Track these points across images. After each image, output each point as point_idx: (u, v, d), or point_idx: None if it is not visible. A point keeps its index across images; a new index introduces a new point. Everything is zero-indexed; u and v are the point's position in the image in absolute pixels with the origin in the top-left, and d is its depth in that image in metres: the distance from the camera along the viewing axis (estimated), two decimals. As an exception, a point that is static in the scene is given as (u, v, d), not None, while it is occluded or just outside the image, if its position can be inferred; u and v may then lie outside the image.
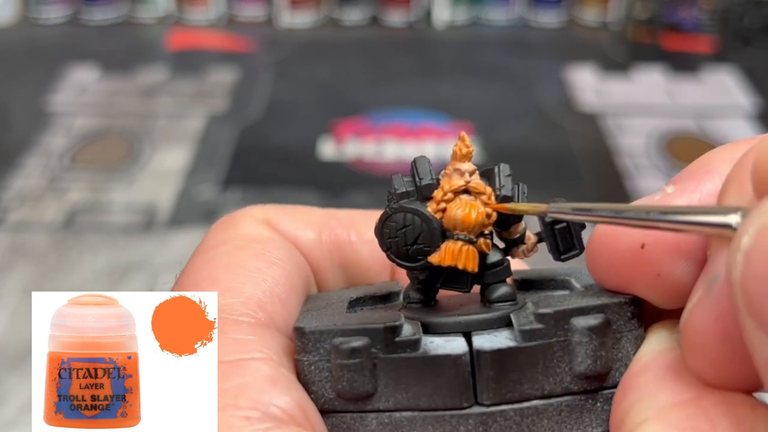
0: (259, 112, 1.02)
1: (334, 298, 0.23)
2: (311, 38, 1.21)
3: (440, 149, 0.94)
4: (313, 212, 0.25)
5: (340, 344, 0.19)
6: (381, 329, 0.20)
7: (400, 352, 0.20)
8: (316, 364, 0.20)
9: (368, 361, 0.20)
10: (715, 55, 1.17)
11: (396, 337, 0.20)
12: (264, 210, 0.24)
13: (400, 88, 1.08)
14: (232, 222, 0.24)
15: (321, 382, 0.20)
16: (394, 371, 0.20)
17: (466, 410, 0.20)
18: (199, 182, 0.88)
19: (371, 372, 0.20)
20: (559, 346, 0.20)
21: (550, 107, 1.04)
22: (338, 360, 0.19)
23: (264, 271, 0.22)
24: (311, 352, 0.20)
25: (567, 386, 0.21)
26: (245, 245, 0.23)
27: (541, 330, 0.20)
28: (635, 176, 0.90)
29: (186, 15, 1.24)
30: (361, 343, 0.19)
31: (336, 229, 0.25)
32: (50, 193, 0.87)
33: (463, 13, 1.25)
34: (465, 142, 0.22)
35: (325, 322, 0.20)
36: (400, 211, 0.21)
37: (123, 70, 1.11)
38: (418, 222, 0.21)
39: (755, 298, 0.15)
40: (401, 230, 0.21)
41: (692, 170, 0.21)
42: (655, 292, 0.20)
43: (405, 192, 0.21)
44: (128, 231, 0.81)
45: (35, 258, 0.77)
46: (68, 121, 1.00)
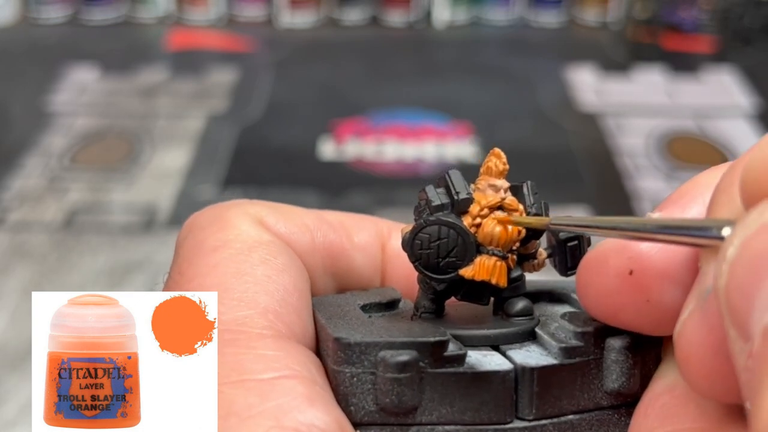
0: (259, 112, 1.02)
1: (343, 305, 0.23)
2: (311, 38, 1.21)
3: (440, 149, 0.94)
4: (304, 214, 0.25)
5: (390, 357, 0.19)
6: (430, 343, 0.20)
7: (447, 367, 0.20)
8: (358, 377, 0.20)
9: (417, 375, 0.20)
10: (715, 55, 1.17)
11: (444, 351, 0.20)
12: (254, 207, 0.24)
13: (400, 87, 1.08)
14: (226, 220, 0.23)
15: (363, 394, 0.20)
16: (440, 386, 0.20)
17: (508, 425, 0.21)
18: (199, 182, 0.88)
19: (418, 386, 0.20)
20: (595, 364, 0.21)
21: (550, 107, 1.04)
22: (387, 373, 0.19)
23: (274, 280, 0.22)
24: (355, 364, 0.20)
25: (598, 401, 0.21)
26: (249, 250, 0.22)
27: (581, 348, 0.21)
28: (635, 176, 0.90)
29: (186, 15, 1.24)
30: (410, 357, 0.19)
31: (329, 235, 0.25)
32: (50, 193, 0.87)
33: (463, 13, 1.25)
34: (501, 159, 0.22)
35: (367, 334, 0.20)
36: (436, 223, 0.21)
37: (123, 70, 1.11)
38: (453, 236, 0.21)
39: (737, 307, 0.15)
40: (435, 242, 0.21)
41: (677, 196, 0.21)
42: (645, 318, 0.20)
43: (441, 204, 0.21)
44: (128, 231, 0.81)
45: (35, 258, 0.77)
46: (68, 121, 1.00)
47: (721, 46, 1.19)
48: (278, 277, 0.22)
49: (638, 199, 0.86)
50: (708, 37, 1.20)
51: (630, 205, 0.85)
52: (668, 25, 1.21)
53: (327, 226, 0.25)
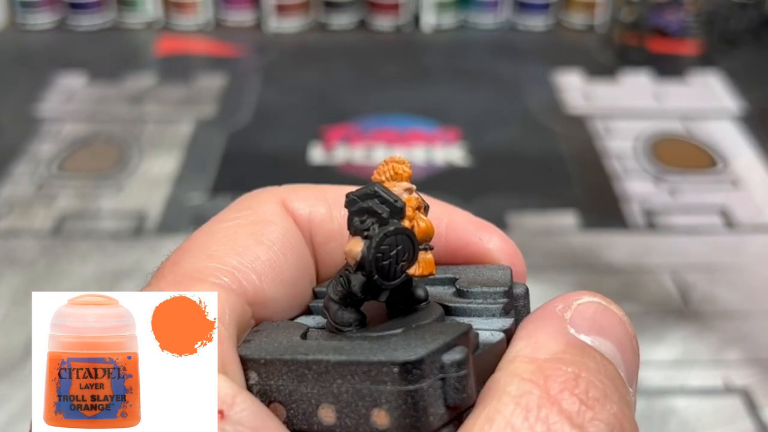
0: (247, 117, 1.02)
1: (305, 345, 0.22)
2: (299, 43, 1.21)
3: (429, 153, 0.95)
4: (326, 189, 0.27)
5: (454, 357, 0.20)
6: (472, 334, 0.21)
7: (480, 349, 0.22)
8: (432, 386, 0.20)
9: (472, 367, 0.21)
10: (702, 58, 1.18)
11: (476, 338, 0.22)
12: (281, 190, 0.26)
13: (389, 92, 1.09)
14: (250, 202, 0.25)
15: (436, 400, 0.20)
16: (477, 368, 0.21)
17: None
18: (188, 188, 0.88)
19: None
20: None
21: (538, 110, 1.05)
22: (461, 371, 0.20)
23: (250, 248, 0.23)
24: (428, 377, 0.20)
25: None
26: (246, 225, 0.24)
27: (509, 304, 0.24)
28: (623, 178, 0.90)
29: (174, 21, 1.24)
30: (464, 352, 0.20)
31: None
32: (39, 200, 0.86)
33: (450, 17, 1.25)
34: (406, 163, 0.24)
35: (416, 346, 0.20)
36: (395, 233, 0.22)
37: (111, 76, 1.11)
38: (407, 241, 0.22)
39: None
40: (394, 251, 0.22)
41: None
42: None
43: (387, 215, 0.22)
44: (117, 238, 0.81)
45: (24, 265, 0.77)
46: (56, 128, 0.99)
47: (707, 48, 1.20)
48: (255, 247, 0.23)
49: (627, 200, 0.87)
50: (694, 40, 1.21)
51: (618, 207, 0.85)
52: (654, 29, 1.22)
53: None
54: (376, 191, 0.22)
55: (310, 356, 0.20)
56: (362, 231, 0.22)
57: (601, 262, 0.78)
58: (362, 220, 0.22)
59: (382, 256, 0.22)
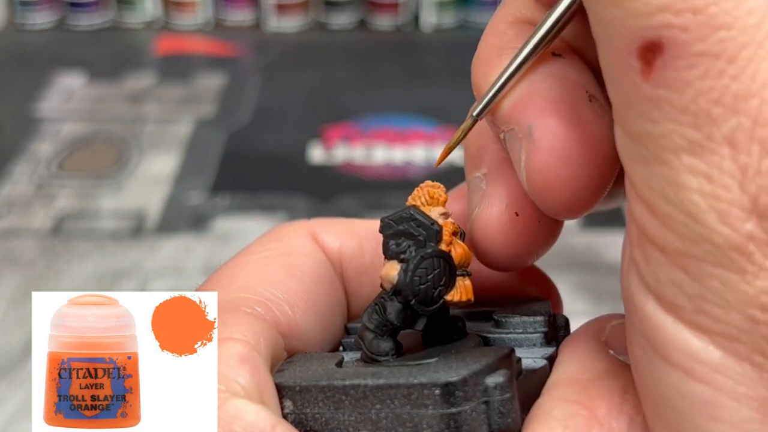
0: (247, 116, 1.02)
1: (340, 372, 0.22)
2: (299, 42, 1.21)
3: (429, 153, 0.95)
4: (355, 223, 0.26)
5: (498, 379, 0.20)
6: (514, 357, 0.21)
7: (523, 374, 0.21)
8: (475, 409, 0.20)
9: (516, 391, 0.20)
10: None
11: (518, 360, 0.21)
12: (311, 223, 0.26)
13: (389, 91, 1.08)
14: (279, 235, 0.25)
15: (480, 426, 0.20)
16: (520, 392, 0.21)
17: None
18: (187, 188, 0.88)
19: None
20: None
21: (538, 110, 1.05)
22: (505, 395, 0.20)
23: (282, 280, 0.23)
24: (471, 399, 0.19)
25: None
26: (276, 257, 0.23)
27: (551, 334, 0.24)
28: (624, 178, 0.90)
29: (173, 20, 1.23)
30: (507, 375, 0.20)
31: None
32: (38, 200, 0.86)
33: (450, 16, 1.25)
34: (441, 188, 0.24)
35: (458, 368, 0.20)
36: (431, 255, 0.21)
37: (110, 75, 1.10)
38: (443, 264, 0.21)
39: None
40: (431, 275, 0.21)
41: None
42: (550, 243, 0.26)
43: (423, 238, 0.22)
44: (117, 237, 0.81)
45: (23, 265, 0.77)
46: (55, 128, 0.99)
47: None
48: (286, 279, 0.23)
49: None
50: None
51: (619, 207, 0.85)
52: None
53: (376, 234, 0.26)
54: (412, 214, 0.22)
55: (347, 381, 0.20)
56: (398, 254, 0.21)
57: (601, 262, 0.78)
58: (398, 243, 0.21)
59: (419, 279, 0.21)
